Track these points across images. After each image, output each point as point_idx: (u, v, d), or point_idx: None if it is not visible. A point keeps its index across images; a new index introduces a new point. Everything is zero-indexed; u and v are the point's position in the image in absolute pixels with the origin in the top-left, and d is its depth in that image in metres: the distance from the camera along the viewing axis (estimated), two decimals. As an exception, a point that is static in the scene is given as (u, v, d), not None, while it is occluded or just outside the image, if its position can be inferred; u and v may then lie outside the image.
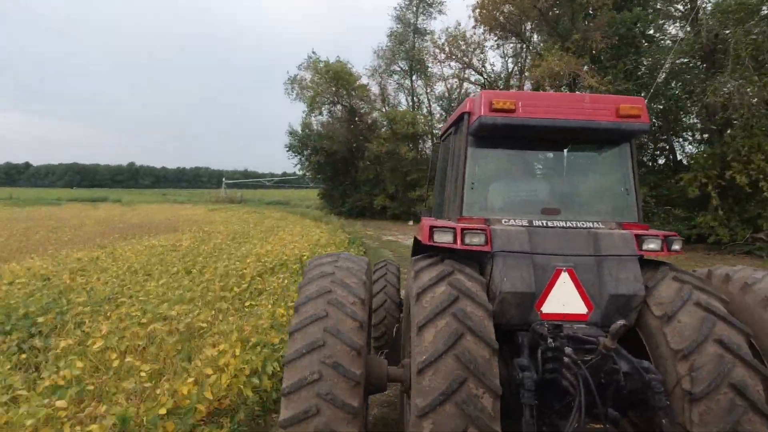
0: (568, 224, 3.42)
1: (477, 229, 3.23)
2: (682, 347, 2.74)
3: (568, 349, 2.70)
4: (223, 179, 77.78)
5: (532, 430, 2.56)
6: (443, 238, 3.26)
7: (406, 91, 38.70)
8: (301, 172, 45.27)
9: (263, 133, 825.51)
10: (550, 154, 4.27)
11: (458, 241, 3.21)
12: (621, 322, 2.47)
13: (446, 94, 36.28)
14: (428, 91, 37.60)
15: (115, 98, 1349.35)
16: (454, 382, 2.53)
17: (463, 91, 33.93)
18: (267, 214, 32.03)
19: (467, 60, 28.37)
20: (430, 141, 34.55)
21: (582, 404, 2.47)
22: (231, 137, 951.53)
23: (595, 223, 3.47)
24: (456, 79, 33.84)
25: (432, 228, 3.30)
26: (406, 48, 36.39)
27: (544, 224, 3.42)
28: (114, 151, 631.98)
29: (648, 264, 3.33)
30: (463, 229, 3.23)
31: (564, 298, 3.17)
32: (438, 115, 36.22)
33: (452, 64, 29.79)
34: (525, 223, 3.44)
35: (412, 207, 29.71)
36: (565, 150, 4.05)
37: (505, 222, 3.47)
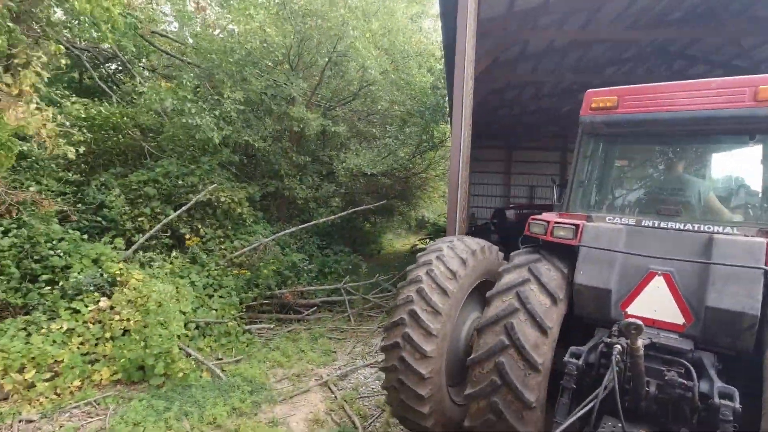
0: (687, 227, 3.23)
1: (567, 224, 3.43)
2: None
3: (616, 347, 2.71)
4: None
5: (564, 412, 2.83)
6: (536, 230, 3.57)
7: None
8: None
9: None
10: (675, 150, 3.92)
11: (548, 234, 3.48)
12: (630, 320, 2.41)
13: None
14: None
15: None
16: (496, 346, 3.05)
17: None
18: None
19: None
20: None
21: (598, 398, 2.60)
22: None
23: (726, 228, 3.16)
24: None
25: (531, 220, 3.63)
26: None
27: (656, 225, 3.32)
28: None
29: None
30: (554, 223, 3.47)
31: (656, 304, 3.11)
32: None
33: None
34: (631, 222, 3.40)
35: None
36: (696, 144, 3.80)
37: (609, 220, 3.49)
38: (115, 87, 8.79)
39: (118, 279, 6.24)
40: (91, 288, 6.02)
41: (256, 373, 5.85)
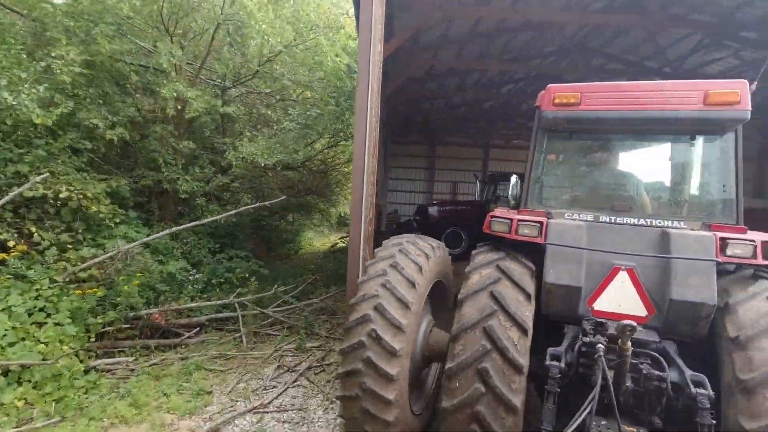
0: (640, 222, 3.34)
1: (532, 221, 3.39)
2: (747, 377, 2.54)
3: (599, 346, 2.74)
4: None
5: (551, 418, 2.78)
6: (499, 228, 3.50)
7: None
8: None
9: None
10: (628, 148, 4.01)
11: (513, 232, 3.43)
12: (626, 321, 2.53)
13: None
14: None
15: None
16: (478, 351, 2.90)
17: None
18: None
19: None
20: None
21: (595, 400, 2.57)
22: None
23: (674, 222, 3.31)
24: None
25: (491, 218, 3.57)
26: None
27: (612, 221, 3.38)
28: None
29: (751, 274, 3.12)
30: (519, 221, 3.42)
31: (620, 298, 3.19)
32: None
33: None
34: (590, 218, 3.44)
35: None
36: (647, 142, 3.91)
37: (568, 216, 3.51)
38: None
39: None
40: None
41: (80, 440, 4.13)
